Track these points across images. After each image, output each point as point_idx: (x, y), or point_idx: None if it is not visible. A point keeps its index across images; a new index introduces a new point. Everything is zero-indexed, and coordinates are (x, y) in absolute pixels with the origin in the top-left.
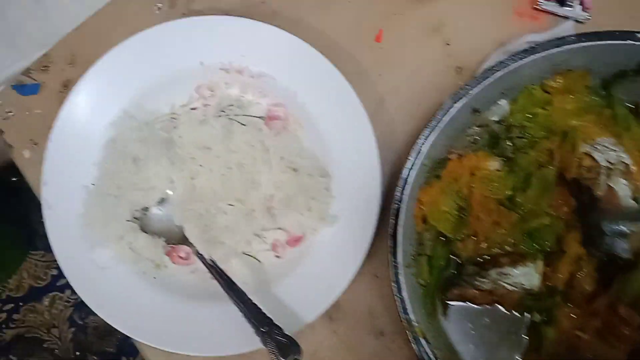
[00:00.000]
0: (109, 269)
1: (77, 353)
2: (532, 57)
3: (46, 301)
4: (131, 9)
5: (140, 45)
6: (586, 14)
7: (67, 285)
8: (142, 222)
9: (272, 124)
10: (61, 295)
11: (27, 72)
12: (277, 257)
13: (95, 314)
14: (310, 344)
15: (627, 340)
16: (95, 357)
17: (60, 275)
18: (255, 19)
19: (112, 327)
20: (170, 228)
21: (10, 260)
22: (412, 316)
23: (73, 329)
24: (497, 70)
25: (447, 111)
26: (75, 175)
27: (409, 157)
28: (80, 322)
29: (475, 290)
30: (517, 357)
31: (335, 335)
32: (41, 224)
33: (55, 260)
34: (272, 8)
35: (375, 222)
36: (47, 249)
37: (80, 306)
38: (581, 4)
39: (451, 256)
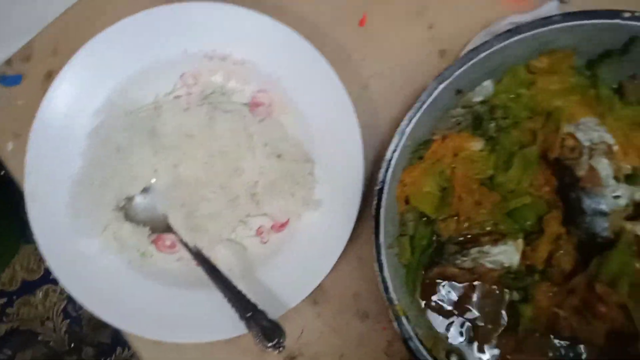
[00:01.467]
0: (94, 260)
1: (72, 345)
2: (517, 37)
3: (40, 294)
4: None
5: (122, 34)
6: None
7: None
8: (127, 212)
9: (256, 110)
10: (55, 287)
11: (8, 63)
12: (262, 242)
13: None
14: (295, 327)
15: (604, 318)
16: (90, 349)
17: None
18: (238, 5)
19: None
20: (155, 216)
21: (3, 253)
22: (393, 295)
23: (67, 321)
24: (481, 51)
25: (431, 93)
26: (60, 166)
27: (393, 139)
28: (75, 314)
29: (455, 269)
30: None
31: (320, 318)
32: None
33: None
34: None
35: (358, 205)
36: None
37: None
38: None
39: (433, 236)
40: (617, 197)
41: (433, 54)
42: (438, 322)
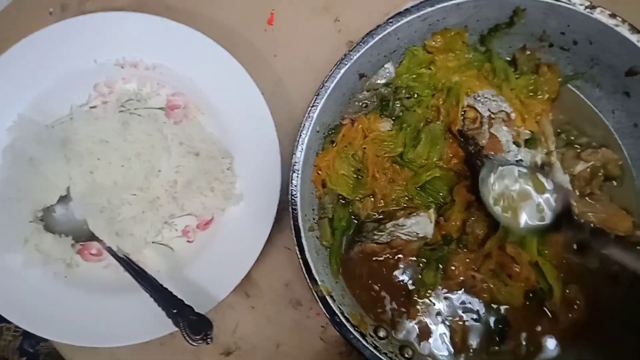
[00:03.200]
0: (19, 274)
1: None
2: (408, 18)
3: None
4: (23, 16)
5: (30, 49)
6: None
7: None
8: (47, 222)
9: (172, 113)
10: (9, 326)
11: None
12: (189, 242)
13: (46, 340)
14: (230, 321)
15: (519, 278)
16: None
17: None
18: (144, 13)
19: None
20: (76, 225)
21: None
22: (316, 276)
23: (24, 359)
24: (376, 35)
25: (334, 78)
26: None
27: (302, 124)
28: (31, 350)
29: (374, 244)
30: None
31: (254, 310)
32: None
33: None
34: (166, 3)
35: (278, 195)
36: None
37: (30, 334)
38: None
39: (351, 216)
40: (519, 160)
41: (341, 46)
42: None
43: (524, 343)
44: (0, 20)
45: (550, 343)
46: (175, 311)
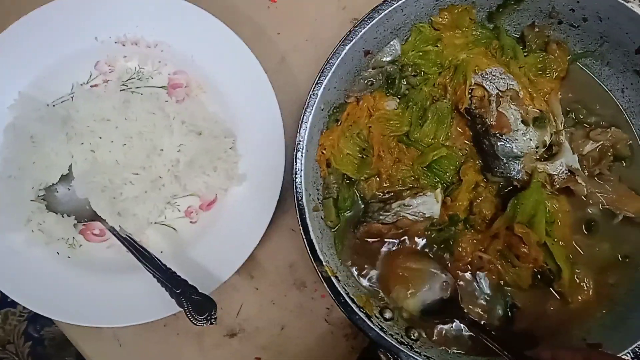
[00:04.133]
0: (22, 254)
1: None
2: None
3: None
4: None
5: (29, 28)
6: None
7: None
8: (49, 202)
9: (174, 92)
10: (14, 310)
11: None
12: (192, 222)
13: (51, 325)
14: (234, 303)
15: (527, 258)
16: None
17: None
18: None
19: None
20: (79, 205)
21: None
22: (321, 257)
23: (30, 343)
24: (382, 10)
25: (339, 55)
26: None
27: (306, 101)
28: (36, 335)
29: (380, 225)
30: None
31: (258, 292)
32: None
33: None
34: None
35: (282, 175)
36: None
37: (35, 319)
38: None
39: (357, 196)
40: (527, 139)
41: (346, 23)
42: None
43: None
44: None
45: None
46: (178, 291)
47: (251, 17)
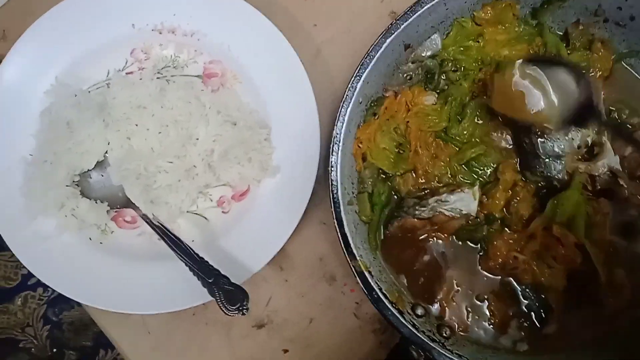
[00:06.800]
0: (54, 238)
1: (54, 350)
2: None
3: (18, 301)
4: None
5: (67, 13)
6: None
7: (39, 283)
8: (83, 188)
9: (209, 81)
10: (33, 294)
11: None
12: (224, 212)
13: (69, 309)
14: (264, 294)
15: (563, 260)
16: (72, 353)
17: (31, 273)
18: None
19: (87, 320)
20: (112, 192)
21: None
22: (355, 251)
23: (48, 326)
24: (425, 4)
25: (379, 48)
26: (13, 148)
27: (344, 95)
28: (55, 319)
29: (414, 220)
30: None
31: (287, 284)
32: None
33: None
34: None
35: (316, 168)
36: None
37: (54, 303)
38: None
39: (392, 192)
40: (570, 139)
41: (384, 16)
42: None
43: None
44: None
45: None
46: (211, 281)
47: (288, 7)
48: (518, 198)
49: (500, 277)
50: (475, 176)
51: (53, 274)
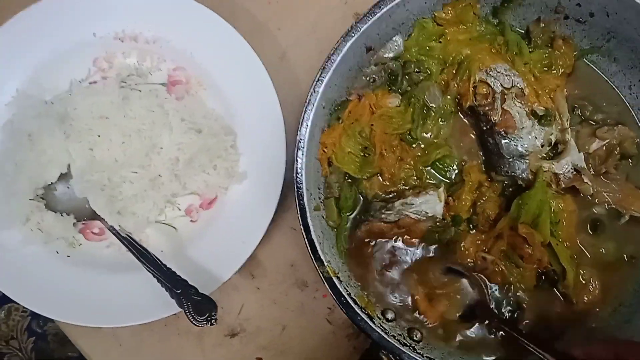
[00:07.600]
0: (20, 252)
1: None
2: None
3: (2, 314)
4: None
5: (26, 24)
6: None
7: None
8: (49, 200)
9: (174, 89)
10: (17, 306)
11: None
12: (192, 221)
13: (53, 320)
14: (235, 302)
15: (532, 260)
16: None
17: None
18: None
19: None
20: (79, 204)
21: None
22: (322, 257)
23: (33, 338)
24: (384, 5)
25: (340, 51)
26: None
27: (307, 99)
28: (39, 331)
29: (381, 223)
30: None
31: (259, 291)
32: None
33: None
34: None
35: (283, 173)
36: None
37: (38, 314)
38: None
39: (358, 196)
40: (533, 138)
41: (348, 18)
42: None
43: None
44: None
45: None
46: (179, 291)
47: (251, 11)
48: (484, 198)
49: (469, 277)
50: (441, 177)
51: (21, 288)
